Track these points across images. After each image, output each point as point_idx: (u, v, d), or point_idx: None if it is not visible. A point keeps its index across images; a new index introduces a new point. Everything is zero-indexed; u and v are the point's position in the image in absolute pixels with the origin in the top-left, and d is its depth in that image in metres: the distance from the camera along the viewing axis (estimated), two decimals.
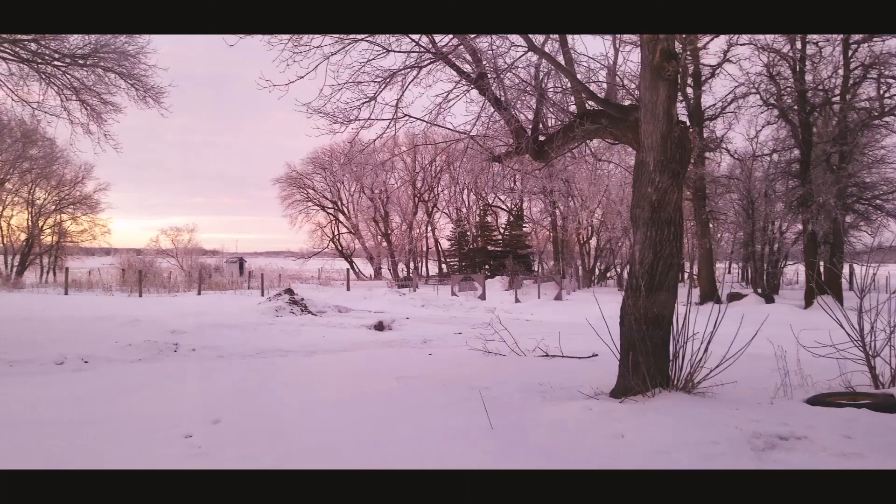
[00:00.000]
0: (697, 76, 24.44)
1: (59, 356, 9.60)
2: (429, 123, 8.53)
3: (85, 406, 6.05)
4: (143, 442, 4.86)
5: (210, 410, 5.78)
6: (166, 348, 10.90)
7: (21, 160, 36.71)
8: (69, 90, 13.82)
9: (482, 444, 4.61)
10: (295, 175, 48.91)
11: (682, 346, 5.97)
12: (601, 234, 35.38)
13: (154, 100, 14.22)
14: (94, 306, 20.48)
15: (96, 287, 30.83)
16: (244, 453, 4.52)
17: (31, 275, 39.52)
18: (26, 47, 12.97)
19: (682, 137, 5.93)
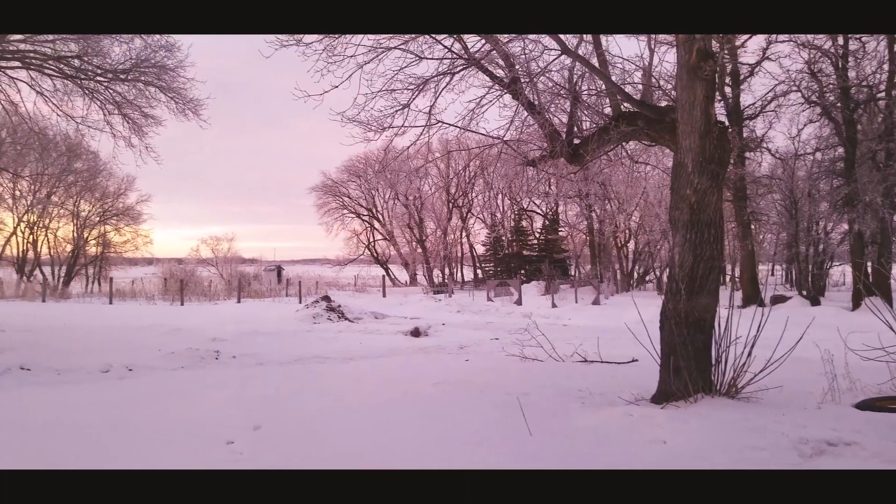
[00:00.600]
0: (736, 75, 24.02)
1: (105, 364, 9.81)
2: (462, 129, 8.52)
3: (129, 413, 6.16)
4: (187, 448, 4.92)
5: (251, 417, 5.83)
6: (207, 356, 11.06)
7: (66, 173, 37.72)
8: (111, 104, 14.16)
9: (521, 451, 4.57)
10: (330, 183, 49.39)
11: (724, 351, 5.86)
12: (639, 237, 34.95)
13: (193, 112, 14.50)
14: (137, 315, 20.90)
15: (139, 296, 31.45)
16: (285, 459, 4.54)
17: (76, 285, 40.53)
18: (70, 64, 13.33)
19: (721, 138, 5.82)
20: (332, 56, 7.58)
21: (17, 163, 29.19)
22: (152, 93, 14.27)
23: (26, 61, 13.19)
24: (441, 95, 8.22)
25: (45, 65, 13.28)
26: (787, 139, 27.05)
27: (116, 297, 29.50)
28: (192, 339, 12.90)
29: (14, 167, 28.29)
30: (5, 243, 38.32)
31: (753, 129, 25.25)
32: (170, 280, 35.04)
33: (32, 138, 17.70)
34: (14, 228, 38.29)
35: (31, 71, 13.44)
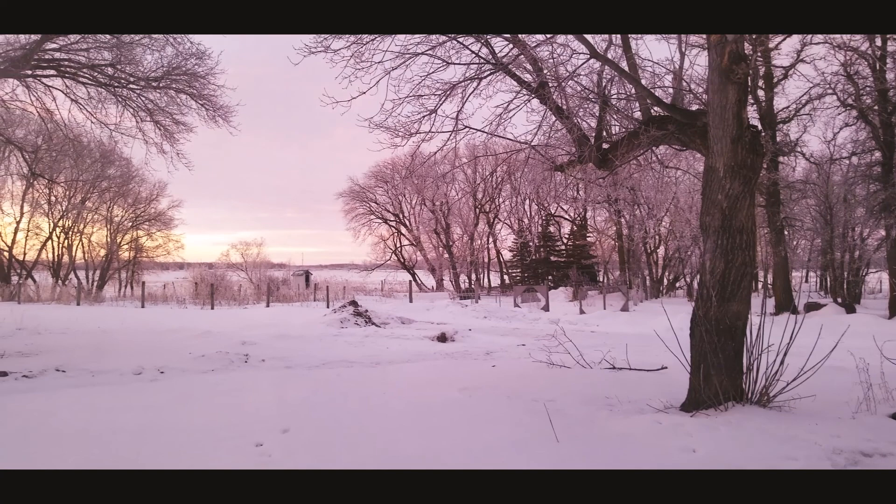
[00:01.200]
0: (769, 78, 23.68)
1: (137, 367, 9.94)
2: (489, 134, 8.51)
3: (160, 414, 6.23)
4: (216, 450, 4.96)
5: (279, 419, 5.86)
6: (237, 359, 11.15)
7: (100, 179, 38.47)
8: (144, 112, 14.40)
9: (547, 458, 4.53)
10: (357, 189, 49.69)
11: (756, 358, 5.77)
12: (669, 243, 34.61)
13: (223, 119, 14.67)
14: (168, 319, 21.19)
15: (171, 300, 31.86)
16: (313, 461, 4.56)
17: (110, 289, 41.22)
18: (104, 72, 13.59)
19: (754, 142, 5.74)
20: (359, 62, 7.63)
21: (52, 169, 29.87)
22: (183, 100, 14.49)
23: (61, 70, 13.47)
24: (468, 101, 8.23)
25: (80, 73, 13.55)
26: (823, 143, 26.59)
27: (148, 301, 29.93)
28: (222, 342, 13.02)
29: (50, 173, 28.93)
30: (41, 248, 39.13)
31: (787, 133, 24.82)
32: (200, 284, 35.47)
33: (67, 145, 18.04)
34: (50, 233, 39.10)
35: (66, 79, 13.71)
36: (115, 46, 13.17)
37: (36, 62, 12.96)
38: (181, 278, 40.82)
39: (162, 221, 45.34)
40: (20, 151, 18.88)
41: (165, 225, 45.58)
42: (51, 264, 39.70)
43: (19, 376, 9.17)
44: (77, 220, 40.39)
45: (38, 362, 10.35)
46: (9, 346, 12.72)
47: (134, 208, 43.49)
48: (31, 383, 8.77)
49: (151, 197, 43.86)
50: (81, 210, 39.69)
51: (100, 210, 41.66)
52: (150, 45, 13.42)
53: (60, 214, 39.08)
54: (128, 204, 42.96)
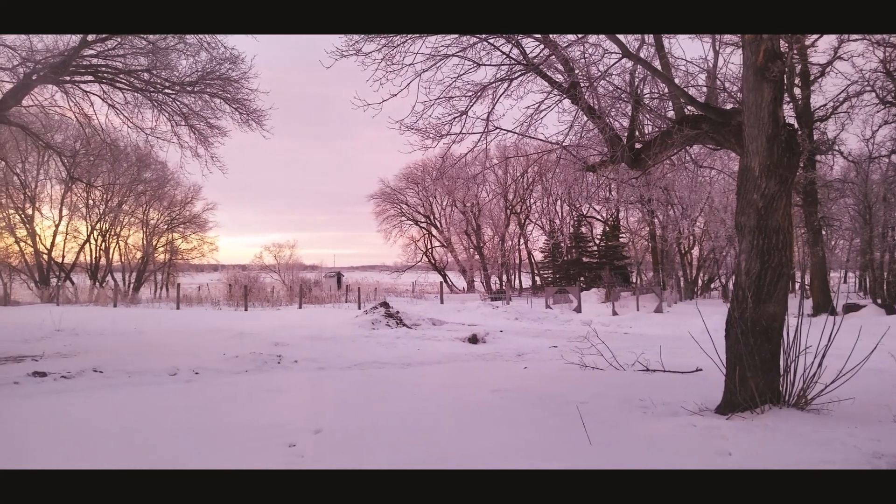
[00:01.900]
0: (805, 75, 23.23)
1: (173, 367, 10.08)
2: (520, 135, 8.48)
3: (195, 415, 6.31)
4: (250, 450, 5.02)
5: (312, 420, 5.91)
6: (270, 360, 11.25)
7: (136, 183, 39.16)
8: (179, 116, 14.60)
9: (580, 460, 4.50)
10: (389, 191, 49.96)
11: (793, 361, 5.67)
12: (703, 244, 34.15)
13: (256, 122, 14.81)
14: (203, 320, 21.47)
15: (205, 301, 32.29)
16: (345, 462, 4.58)
17: (146, 290, 41.91)
18: (140, 77, 13.83)
19: (790, 140, 5.64)
20: (390, 65, 7.66)
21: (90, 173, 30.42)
22: (217, 104, 14.65)
23: (99, 75, 13.73)
24: (499, 102, 8.21)
25: (117, 78, 13.81)
26: (861, 141, 25.97)
27: (183, 303, 30.35)
28: (256, 343, 13.16)
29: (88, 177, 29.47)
30: (80, 250, 39.92)
31: (824, 132, 24.33)
32: (234, 286, 35.92)
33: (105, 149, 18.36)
34: (88, 236, 39.85)
35: (103, 84, 13.98)
36: (151, 52, 13.40)
37: (74, 68, 13.23)
38: (215, 280, 41.34)
39: (196, 224, 46.13)
40: (59, 156, 19.25)
41: (200, 227, 46.38)
42: (89, 266, 40.42)
43: (58, 377, 9.34)
44: (114, 223, 41.15)
45: (76, 363, 10.53)
46: (48, 346, 13.00)
47: (169, 211, 44.20)
48: (69, 384, 8.91)
49: (186, 200, 44.60)
50: (118, 213, 40.44)
51: (136, 213, 42.40)
52: (185, 50, 13.62)
53: (98, 217, 39.84)
54: (163, 207, 43.67)
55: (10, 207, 34.06)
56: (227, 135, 15.29)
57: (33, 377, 9.30)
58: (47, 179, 36.56)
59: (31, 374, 9.43)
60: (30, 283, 35.68)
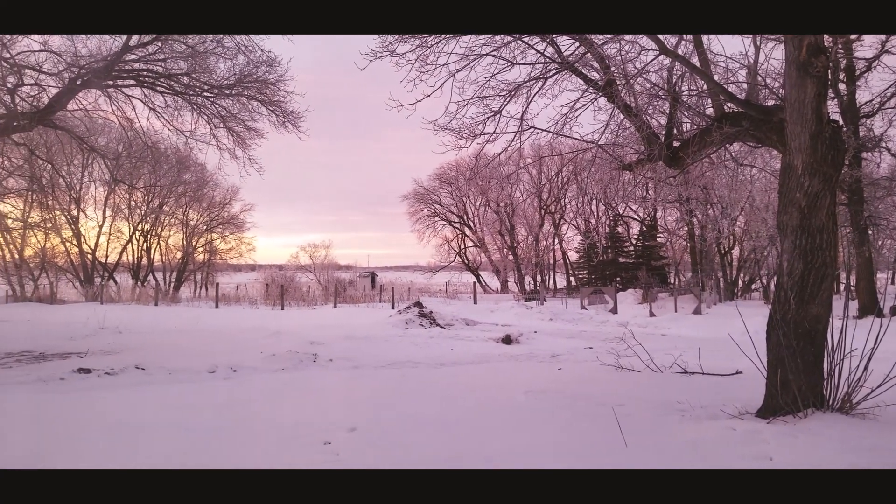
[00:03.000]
0: (850, 70, 22.62)
1: (211, 365, 10.26)
2: (555, 134, 8.42)
3: (233, 411, 6.40)
4: (286, 448, 5.06)
5: (347, 418, 5.93)
6: (306, 359, 11.36)
7: (176, 184, 39.81)
8: (217, 119, 14.85)
9: (615, 464, 4.42)
10: (422, 191, 50.01)
11: (837, 364, 5.51)
12: (744, 244, 33.49)
13: (292, 124, 14.98)
14: (241, 319, 21.80)
15: (243, 301, 32.72)
16: (380, 461, 4.58)
17: (186, 290, 42.58)
18: (180, 81, 14.10)
19: (834, 137, 5.49)
20: (424, 65, 7.67)
21: (132, 175, 31.09)
22: (255, 106, 14.88)
23: (140, 79, 14.04)
24: (533, 101, 8.18)
25: (157, 82, 14.10)
26: None
27: (222, 302, 30.78)
28: (292, 342, 13.29)
29: (130, 179, 30.11)
30: (122, 251, 40.76)
31: (871, 128, 23.65)
32: (271, 285, 36.32)
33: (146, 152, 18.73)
34: (130, 237, 40.65)
35: (144, 88, 14.29)
36: (191, 56, 13.65)
37: (117, 73, 13.55)
38: (253, 279, 41.88)
39: (234, 225, 46.74)
40: (103, 159, 19.72)
41: (238, 228, 46.98)
42: (131, 266, 41.25)
43: (102, 373, 9.60)
44: (155, 224, 41.90)
45: (119, 360, 10.78)
46: (92, 344, 13.34)
47: (208, 212, 44.85)
48: (112, 380, 9.16)
49: (224, 201, 45.18)
50: (159, 214, 41.16)
51: (176, 214, 43.05)
52: (223, 53, 13.84)
53: (140, 218, 40.59)
54: (202, 208, 44.31)
55: (57, 209, 34.90)
56: (263, 137, 15.53)
57: (78, 374, 9.58)
58: (91, 181, 37.37)
59: (76, 371, 9.72)
60: (75, 282, 36.50)
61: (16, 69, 12.43)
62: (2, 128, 12.45)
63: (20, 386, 8.60)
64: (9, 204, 25.86)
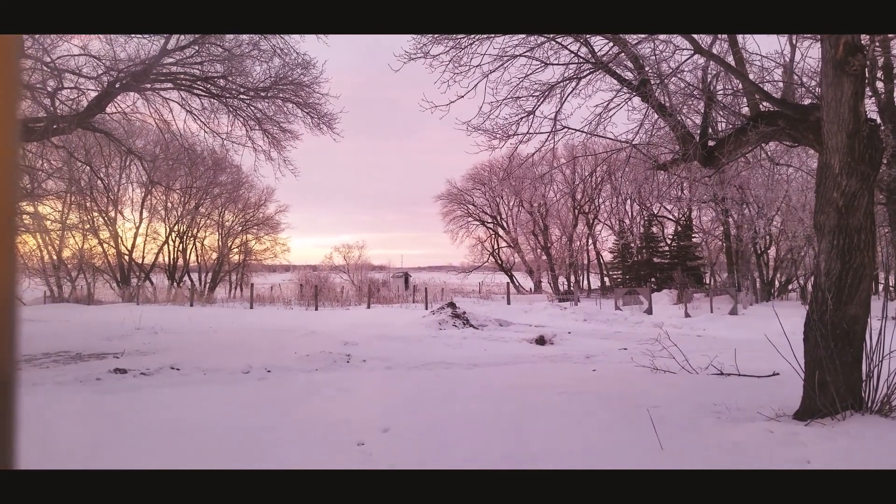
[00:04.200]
0: (888, 68, 22.11)
1: (246, 365, 10.38)
2: (589, 134, 8.41)
3: (267, 411, 6.51)
4: (320, 447, 5.13)
5: (380, 419, 6.00)
6: (339, 359, 11.44)
7: (212, 186, 40.38)
8: (253, 121, 15.06)
9: (651, 465, 4.42)
10: (455, 191, 50.03)
11: (876, 365, 5.43)
12: (781, 244, 32.94)
13: (327, 126, 15.13)
14: (275, 319, 22.05)
15: (277, 301, 33.08)
16: (413, 461, 4.64)
17: (221, 290, 43.13)
18: (216, 83, 14.33)
19: (872, 136, 5.41)
20: (457, 66, 7.72)
21: (169, 177, 31.65)
22: (290, 108, 15.06)
23: (177, 82, 14.30)
24: (567, 101, 8.17)
25: (194, 85, 14.35)
26: None
27: (256, 302, 31.15)
28: (326, 342, 13.41)
29: (167, 181, 30.65)
30: (158, 252, 41.43)
31: None
32: (305, 286, 36.67)
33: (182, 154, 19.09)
34: (166, 238, 41.31)
35: (181, 91, 14.54)
36: (227, 59, 13.86)
37: (154, 76, 13.81)
38: (287, 280, 42.27)
39: (269, 225, 47.25)
40: (140, 161, 20.11)
41: (273, 229, 47.48)
42: (167, 267, 41.89)
43: (137, 374, 9.72)
44: (191, 225, 42.51)
45: (154, 360, 10.96)
46: (128, 344, 13.58)
47: (243, 213, 45.37)
48: (148, 380, 9.25)
49: (260, 202, 45.70)
50: (195, 215, 41.74)
51: (212, 215, 43.62)
52: (259, 56, 14.04)
53: (176, 220, 41.17)
54: (238, 209, 44.83)
55: (95, 210, 35.62)
56: (298, 138, 15.70)
57: (114, 374, 9.70)
58: (129, 183, 38.10)
59: (112, 371, 9.84)
60: (112, 283, 37.23)
61: (56, 73, 12.70)
62: (42, 131, 12.73)
63: (57, 386, 8.68)
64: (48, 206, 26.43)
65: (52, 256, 34.15)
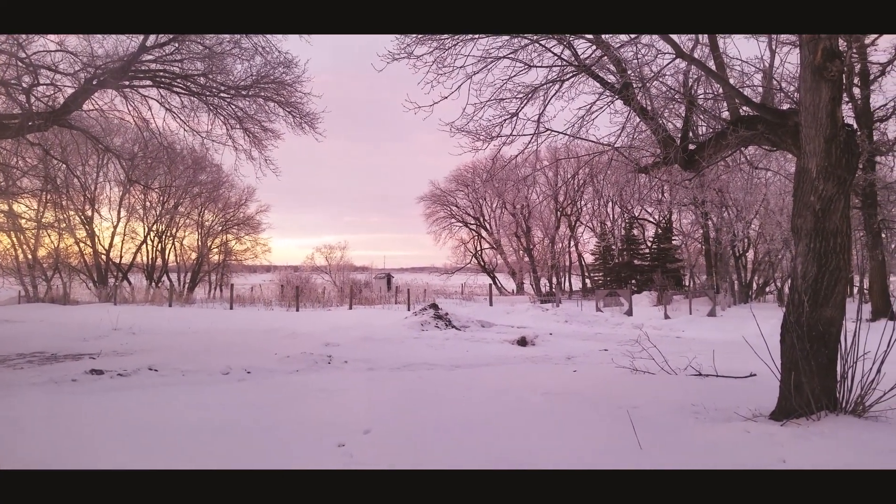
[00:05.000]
0: (865, 75, 22.47)
1: (225, 367, 10.29)
2: (571, 136, 8.45)
3: (247, 414, 6.43)
4: (300, 448, 5.10)
5: (361, 420, 5.98)
6: (321, 360, 11.41)
7: (192, 185, 39.98)
8: (233, 119, 14.93)
9: (630, 465, 4.46)
10: (438, 193, 50.09)
11: (851, 366, 5.52)
12: (759, 247, 33.31)
13: (309, 125, 15.06)
14: (255, 320, 21.92)
15: (258, 302, 32.83)
16: (394, 463, 4.63)
17: (200, 291, 42.77)
18: (196, 81, 14.19)
19: (849, 141, 5.50)
20: (441, 67, 7.73)
21: (147, 175, 31.21)
22: (271, 107, 14.96)
23: (157, 80, 14.14)
24: (550, 103, 8.21)
25: (174, 83, 14.19)
26: None
27: (236, 303, 30.93)
28: (307, 343, 13.36)
29: (145, 180, 30.24)
30: (136, 251, 40.94)
31: (885, 132, 23.50)
32: (286, 287, 36.44)
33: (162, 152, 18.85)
34: (144, 237, 40.83)
35: (160, 89, 14.37)
36: (208, 56, 13.73)
37: (133, 73, 13.63)
38: (268, 281, 41.94)
39: (250, 226, 46.89)
40: (118, 159, 19.81)
41: (253, 229, 47.12)
42: (145, 267, 41.37)
43: (114, 375, 9.58)
44: (170, 225, 42.04)
45: (132, 361, 10.82)
46: (105, 345, 13.42)
47: (223, 213, 44.96)
48: (125, 381, 9.12)
49: (240, 202, 45.35)
50: (174, 215, 41.29)
51: (191, 215, 43.17)
52: (240, 54, 13.93)
53: (154, 219, 40.71)
54: (218, 209, 44.41)
55: (71, 209, 35.14)
56: (280, 138, 15.61)
57: (91, 375, 9.57)
58: (106, 182, 37.62)
59: (88, 372, 9.70)
60: (88, 282, 36.75)
61: (31, 69, 12.47)
62: (17, 128, 12.52)
63: (32, 387, 8.57)
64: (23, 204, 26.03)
65: (27, 255, 33.70)
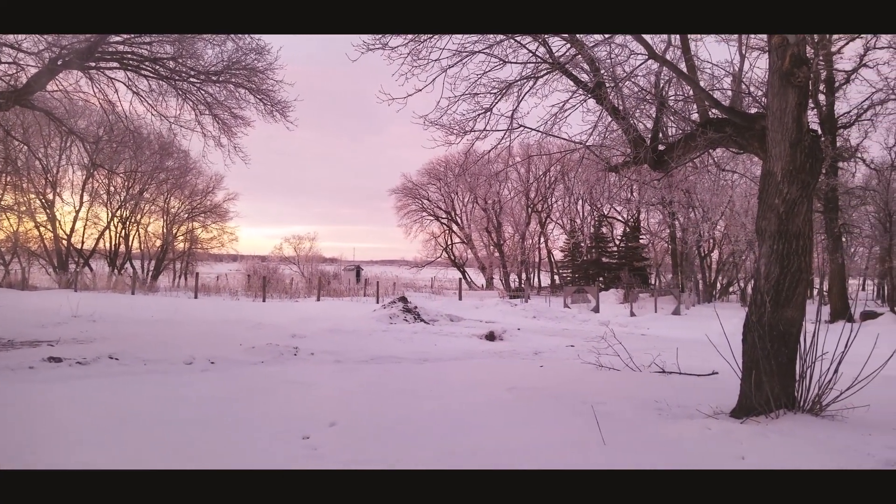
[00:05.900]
0: (830, 82, 22.97)
1: (189, 357, 10.12)
2: (544, 134, 8.50)
3: (210, 405, 6.34)
4: (264, 442, 5.06)
5: (327, 413, 5.96)
6: (287, 352, 11.30)
7: (158, 171, 39.33)
8: (203, 105, 14.64)
9: (594, 460, 4.53)
10: (411, 186, 50.04)
11: (809, 366, 5.66)
12: (724, 247, 33.90)
13: (280, 114, 14.85)
14: (221, 310, 21.65)
15: (223, 292, 32.47)
16: (358, 456, 4.63)
17: (164, 279, 42.10)
18: (165, 65, 13.88)
19: (813, 146, 5.62)
20: (416, 60, 7.71)
21: (112, 160, 30.57)
22: (242, 94, 14.68)
23: (124, 62, 13.76)
24: (524, 100, 8.25)
25: (142, 66, 13.84)
26: (884, 149, 25.87)
27: (201, 292, 30.49)
28: (273, 334, 13.25)
29: (110, 164, 29.61)
30: (99, 237, 40.19)
31: (847, 139, 24.09)
32: (253, 277, 36.13)
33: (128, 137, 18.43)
34: (108, 223, 40.09)
35: (128, 72, 13.99)
36: (177, 41, 13.41)
37: (100, 54, 13.25)
38: (234, 270, 41.52)
39: (217, 214, 46.32)
40: (82, 142, 19.34)
41: (220, 217, 46.56)
42: (107, 253, 40.66)
43: (73, 363, 9.33)
44: (134, 211, 41.35)
45: (92, 349, 10.55)
46: (64, 332, 13.09)
47: (190, 200, 44.31)
48: (84, 370, 8.89)
49: (208, 189, 44.73)
50: (139, 201, 40.58)
51: (157, 201, 42.49)
52: (211, 39, 13.64)
53: (119, 205, 40.00)
54: (184, 196, 43.74)
55: (31, 192, 34.37)
56: (250, 125, 15.35)
57: (48, 362, 9.29)
58: (69, 165, 36.91)
59: (46, 360, 9.41)
60: (48, 268, 36.03)
61: None
62: None
63: None
64: None
65: None
